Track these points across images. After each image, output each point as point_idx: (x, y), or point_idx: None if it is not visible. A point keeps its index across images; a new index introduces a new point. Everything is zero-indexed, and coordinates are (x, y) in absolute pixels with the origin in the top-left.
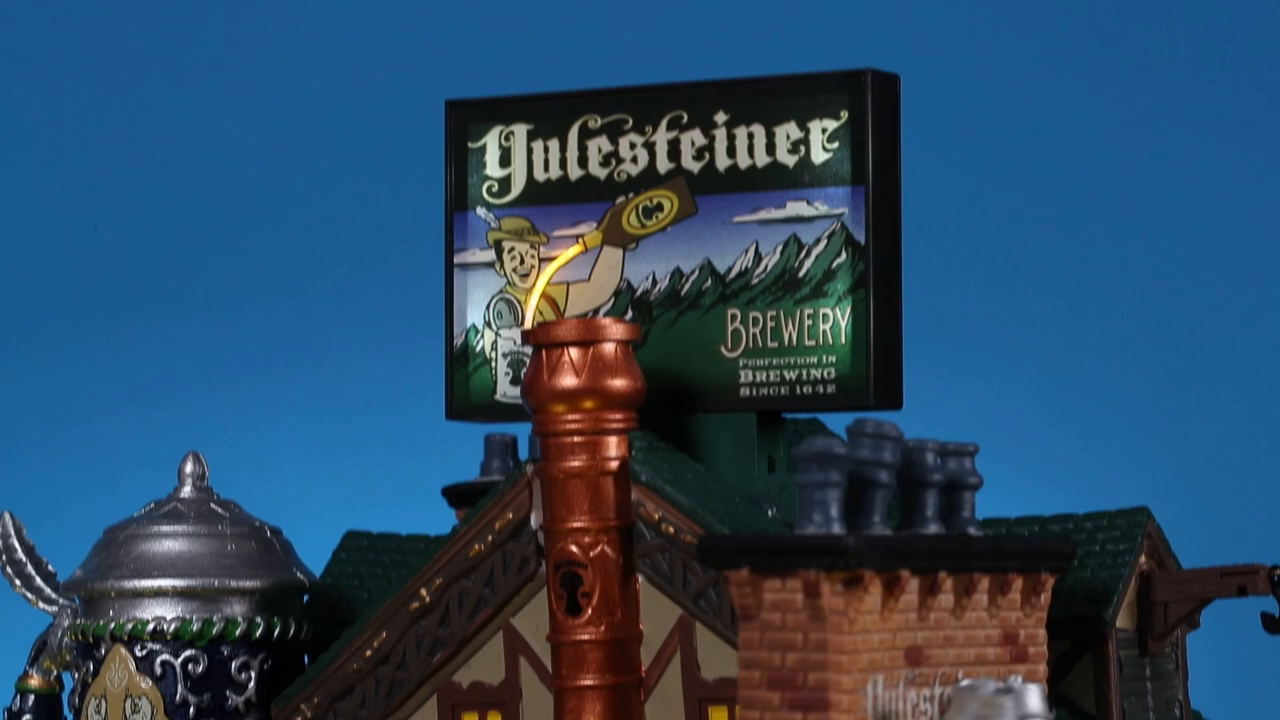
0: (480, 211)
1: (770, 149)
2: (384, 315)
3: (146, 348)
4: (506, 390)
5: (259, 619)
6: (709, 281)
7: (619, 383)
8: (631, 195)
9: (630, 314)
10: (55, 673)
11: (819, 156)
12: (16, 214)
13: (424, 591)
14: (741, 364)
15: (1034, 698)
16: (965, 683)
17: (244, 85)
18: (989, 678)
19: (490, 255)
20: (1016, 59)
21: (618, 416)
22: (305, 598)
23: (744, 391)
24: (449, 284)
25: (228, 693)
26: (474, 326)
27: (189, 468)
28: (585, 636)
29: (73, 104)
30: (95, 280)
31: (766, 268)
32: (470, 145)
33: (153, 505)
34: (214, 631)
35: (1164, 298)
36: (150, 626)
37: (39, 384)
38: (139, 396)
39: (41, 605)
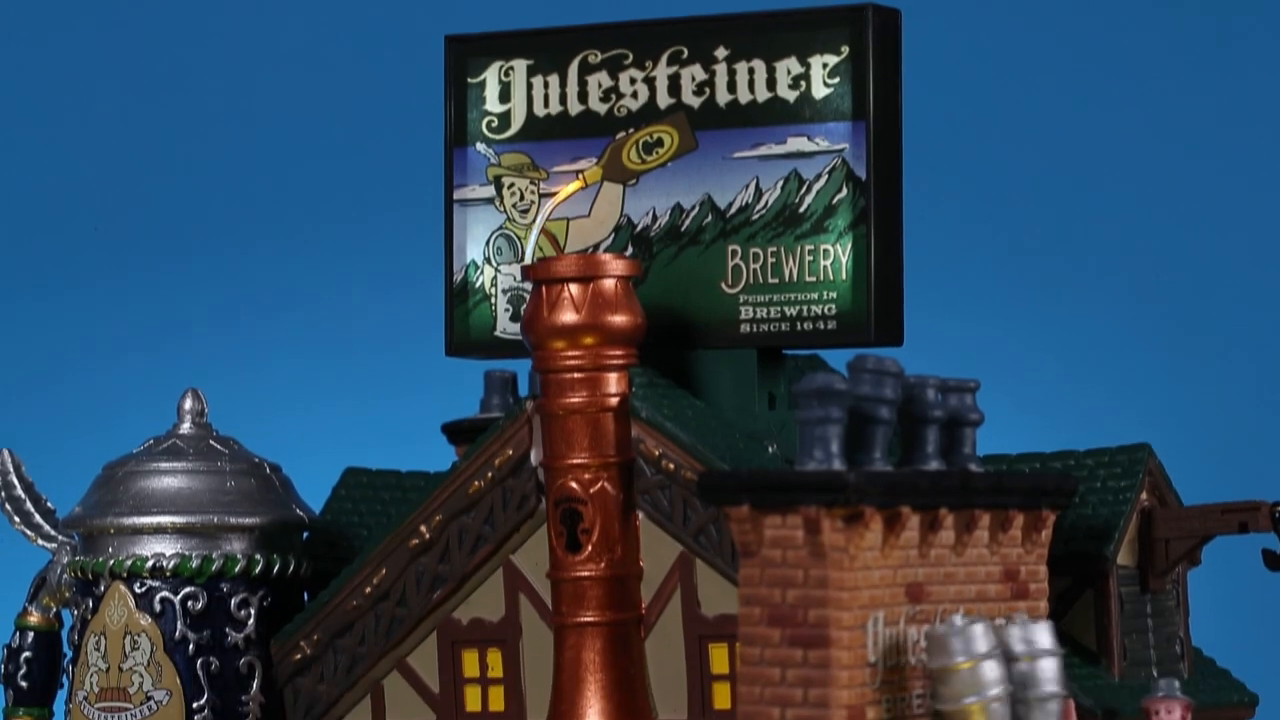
0: (480, 147)
1: (771, 84)
2: (383, 253)
3: (145, 288)
4: (506, 326)
5: (258, 556)
6: (709, 217)
7: (619, 319)
8: (632, 131)
9: (630, 250)
10: (55, 610)
11: (820, 91)
12: (15, 158)
13: (424, 528)
14: (742, 300)
15: (1043, 634)
16: (971, 620)
17: (242, 24)
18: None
19: (490, 191)
20: None
21: (618, 352)
22: (305, 534)
23: (744, 328)
24: (448, 220)
25: (227, 629)
26: (473, 263)
27: (188, 404)
28: (585, 573)
29: (71, 43)
30: (94, 221)
31: (767, 203)
32: (470, 81)
33: (152, 442)
34: (213, 568)
35: (1167, 236)
36: (150, 563)
37: (38, 324)
38: (137, 337)
39: (40, 542)
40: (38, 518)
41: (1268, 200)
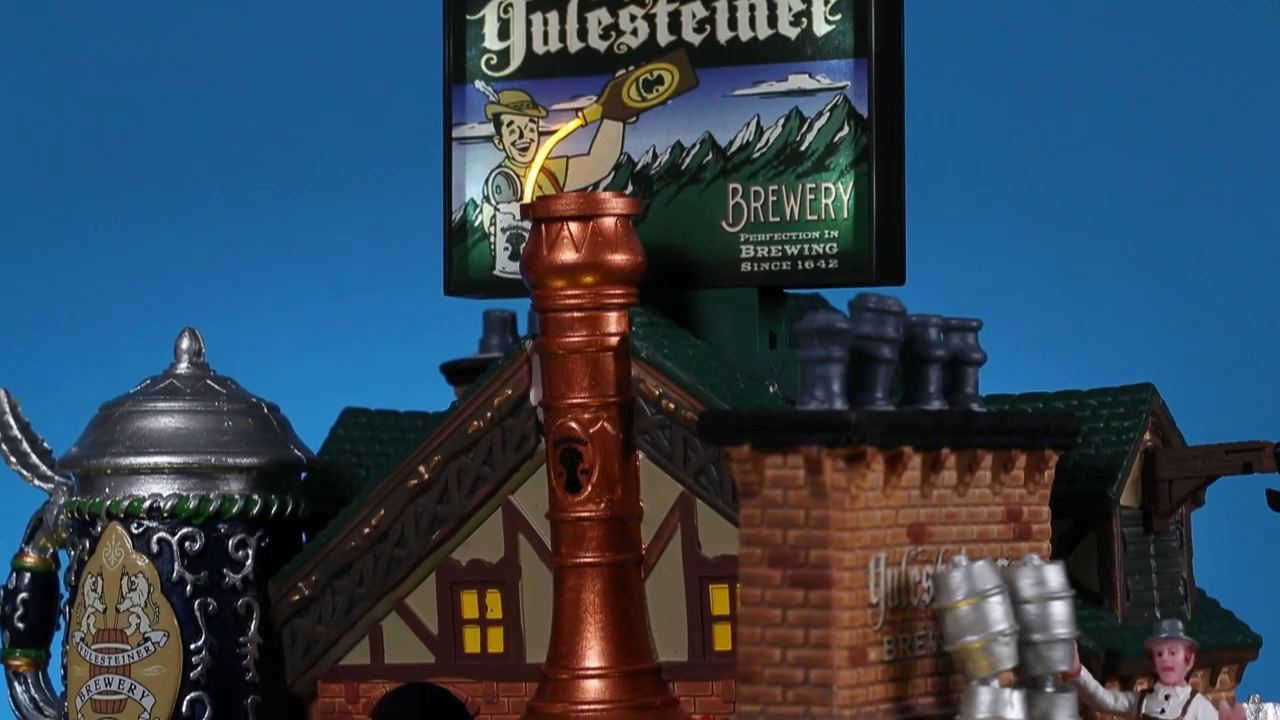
0: (479, 85)
1: (772, 21)
2: (381, 192)
3: (143, 229)
4: (505, 265)
5: (256, 496)
6: (710, 155)
7: (619, 257)
8: (631, 68)
9: (630, 188)
10: (51, 550)
11: (821, 29)
12: (12, 99)
13: (422, 469)
14: (742, 239)
15: (1055, 576)
16: (980, 561)
17: None
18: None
19: (489, 129)
20: None
21: (618, 292)
22: (303, 475)
23: (745, 266)
24: (447, 158)
25: (225, 570)
26: (472, 201)
27: (185, 344)
28: (585, 514)
29: None
30: (92, 162)
31: (768, 141)
32: (469, 18)
33: (149, 382)
34: (211, 509)
35: (1170, 176)
36: (147, 504)
37: (35, 265)
38: (136, 278)
39: (37, 483)
40: (34, 458)
41: (1270, 141)
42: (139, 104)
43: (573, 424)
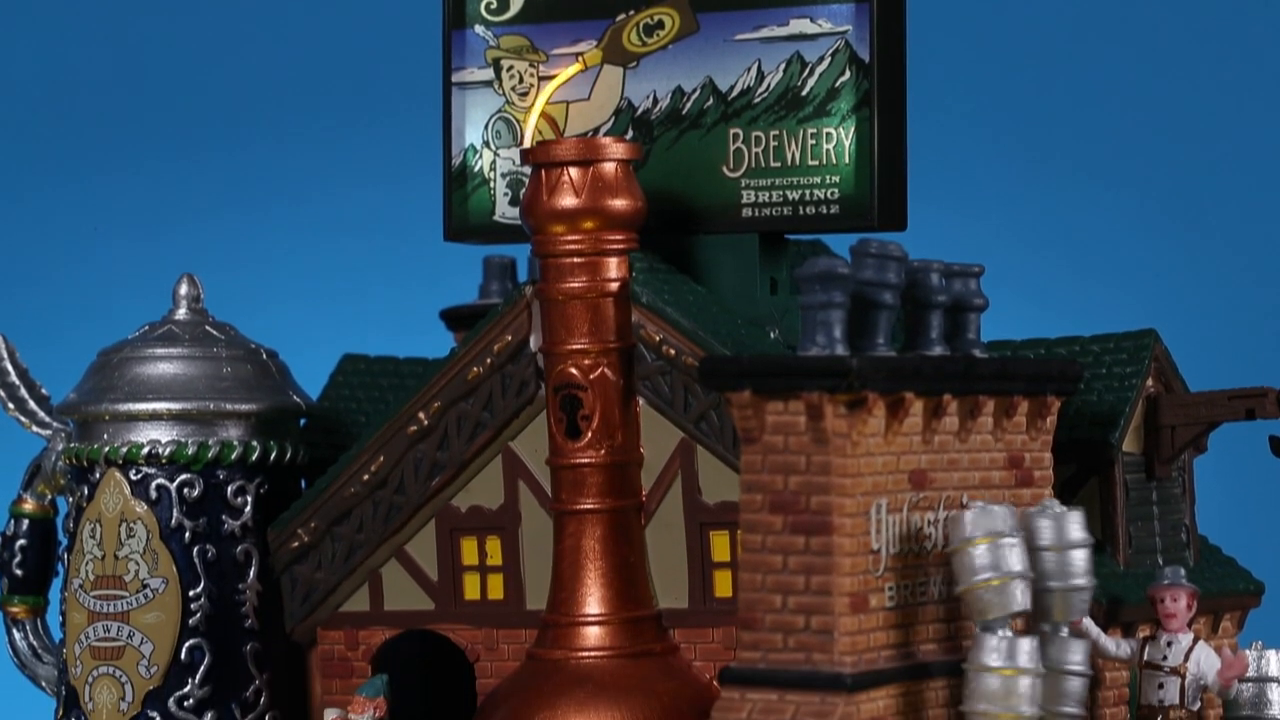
0: (479, 29)
1: None
2: (381, 139)
3: (143, 178)
4: (505, 211)
5: (255, 442)
6: (710, 100)
7: (619, 203)
8: (632, 12)
9: (631, 133)
10: (49, 497)
11: None
12: (10, 51)
13: (422, 415)
14: (743, 184)
15: (1075, 524)
16: (997, 505)
17: None
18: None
19: (489, 74)
20: None
21: (618, 237)
22: (302, 421)
23: (746, 212)
24: (446, 103)
25: (224, 517)
26: (472, 146)
27: (183, 290)
28: (585, 460)
29: None
30: (92, 111)
31: (769, 86)
32: None
33: (147, 327)
34: (209, 455)
35: (1172, 122)
36: (145, 450)
37: (34, 213)
38: (135, 227)
39: (35, 429)
40: (32, 404)
41: (1270, 88)
42: (138, 54)
43: (573, 370)
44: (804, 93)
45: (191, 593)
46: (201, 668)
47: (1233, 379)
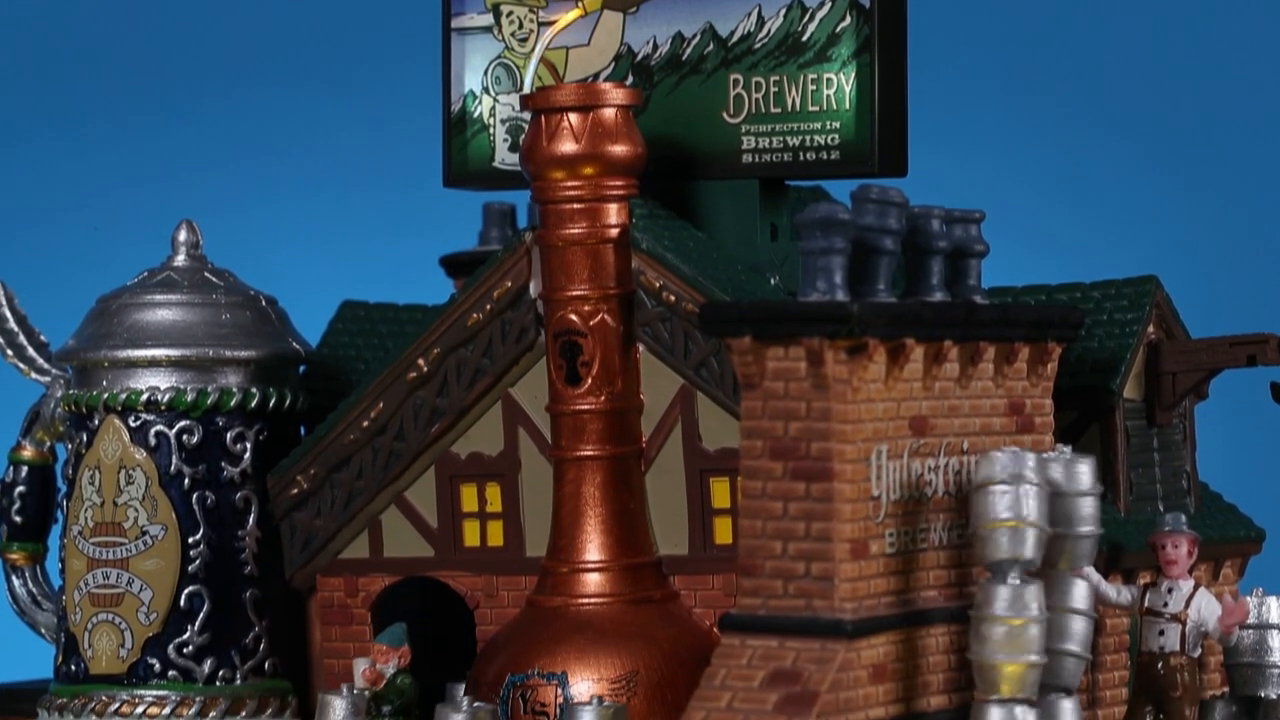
0: None
1: None
2: (381, 85)
3: (142, 126)
4: (505, 157)
5: (254, 389)
6: (711, 46)
7: (619, 149)
8: None
9: (631, 79)
10: (48, 444)
11: None
12: None
13: (421, 361)
14: (744, 130)
15: (1085, 472)
16: (1010, 450)
17: None
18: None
19: (488, 19)
20: None
21: (618, 183)
22: (301, 368)
23: (746, 158)
24: (446, 49)
25: (223, 464)
26: (471, 93)
27: (182, 236)
28: (585, 406)
29: None
30: (93, 58)
31: (769, 31)
32: None
33: (146, 274)
34: (209, 402)
35: (1173, 67)
36: (144, 397)
37: (34, 160)
38: (134, 175)
39: (34, 375)
40: (31, 351)
41: (1272, 33)
42: (138, 0)
43: (573, 316)
44: (804, 38)
45: (191, 539)
46: (201, 614)
47: (1234, 325)
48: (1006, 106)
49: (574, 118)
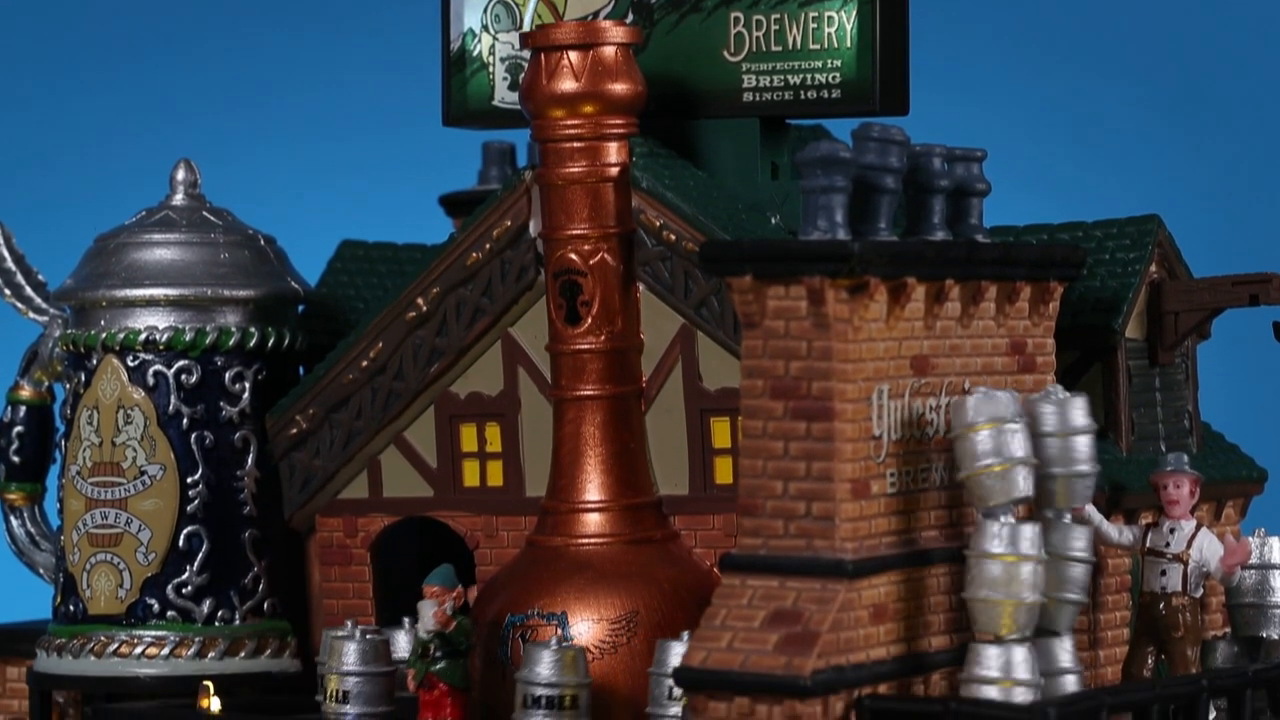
0: None
1: None
2: (379, 24)
3: (141, 68)
4: (504, 95)
5: (253, 329)
6: None
7: (619, 87)
8: None
9: (631, 17)
10: (46, 383)
11: None
12: None
13: (421, 300)
14: (744, 68)
15: (1078, 410)
16: (1001, 391)
17: None
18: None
19: None
20: None
21: (618, 121)
22: (300, 307)
23: (747, 96)
24: None
25: (222, 404)
26: (471, 31)
27: (180, 175)
28: (585, 346)
29: None
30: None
31: None
32: None
33: (144, 213)
34: (207, 341)
35: (1176, 9)
36: (142, 336)
37: (31, 102)
38: (132, 119)
39: (32, 315)
40: (28, 290)
41: None
42: None
43: (572, 255)
44: None
45: (189, 479)
46: (200, 555)
47: (1236, 265)
48: (1008, 46)
49: (574, 56)
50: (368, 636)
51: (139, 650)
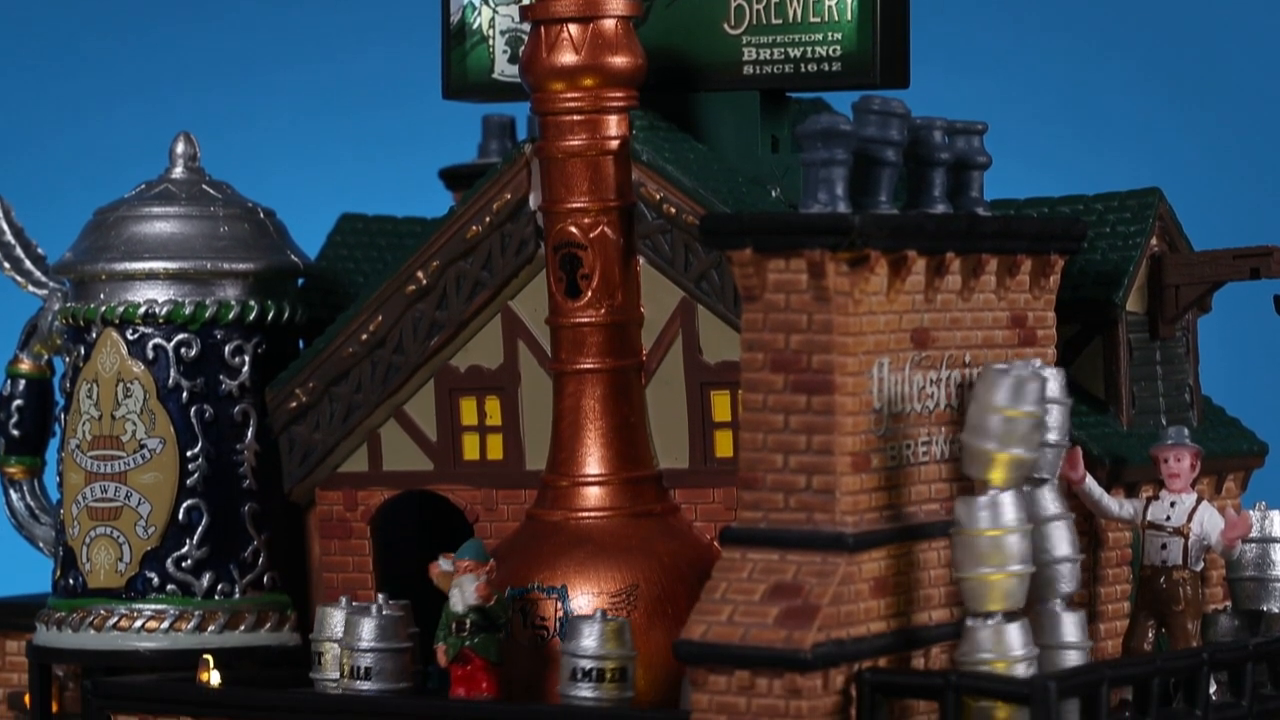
0: None
1: None
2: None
3: (141, 42)
4: (504, 68)
5: (253, 302)
6: None
7: (619, 59)
8: None
9: None
10: (46, 357)
11: None
12: None
13: (420, 274)
14: (745, 41)
15: (1054, 382)
16: (997, 365)
17: None
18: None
19: None
20: None
21: (618, 94)
22: (300, 281)
23: (747, 69)
24: None
25: (221, 377)
26: (471, 3)
27: (180, 148)
28: (585, 319)
29: None
30: None
31: None
32: None
33: (143, 186)
34: (207, 315)
35: None
36: (142, 309)
37: (33, 75)
38: (132, 92)
39: (31, 288)
40: (28, 263)
41: None
42: None
43: (572, 228)
44: None
45: (189, 453)
46: (199, 528)
47: (1237, 238)
48: (1008, 19)
49: (574, 29)
50: (384, 612)
51: (139, 624)
